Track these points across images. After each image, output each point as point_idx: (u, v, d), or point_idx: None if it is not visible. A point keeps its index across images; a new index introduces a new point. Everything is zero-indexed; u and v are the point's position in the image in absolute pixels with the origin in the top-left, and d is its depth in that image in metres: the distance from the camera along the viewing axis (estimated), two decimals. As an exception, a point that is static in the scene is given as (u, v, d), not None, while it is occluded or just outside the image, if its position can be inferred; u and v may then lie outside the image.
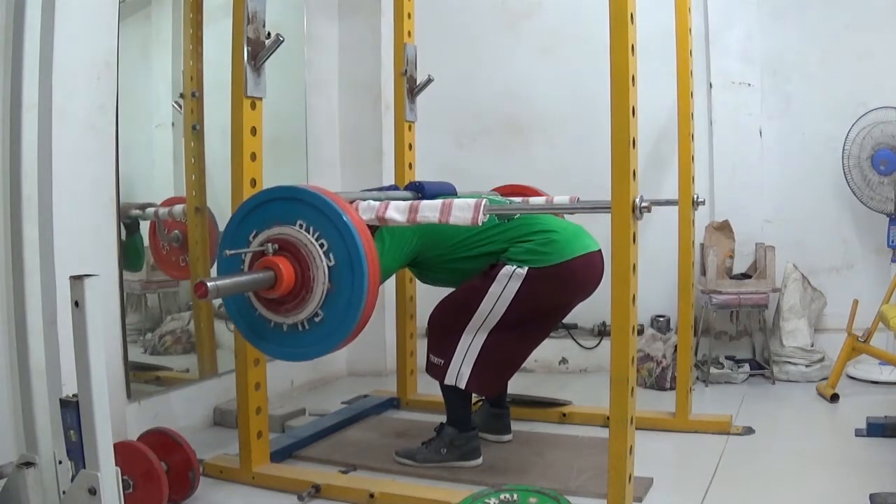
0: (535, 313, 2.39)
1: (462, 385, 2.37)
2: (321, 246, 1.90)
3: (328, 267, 1.90)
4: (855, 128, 3.50)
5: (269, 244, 1.95)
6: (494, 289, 2.33)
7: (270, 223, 1.97)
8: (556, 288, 2.36)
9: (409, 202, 2.11)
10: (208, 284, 1.80)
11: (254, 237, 1.99)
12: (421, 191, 2.54)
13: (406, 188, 2.64)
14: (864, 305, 3.16)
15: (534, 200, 3.11)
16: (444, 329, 2.42)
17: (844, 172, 3.52)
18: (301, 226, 1.93)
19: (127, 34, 2.64)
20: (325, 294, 1.91)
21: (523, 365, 2.60)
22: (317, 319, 1.94)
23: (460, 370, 2.37)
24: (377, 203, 2.12)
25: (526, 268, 2.31)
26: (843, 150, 3.51)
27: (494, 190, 3.09)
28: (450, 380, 2.38)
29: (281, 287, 1.91)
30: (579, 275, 2.37)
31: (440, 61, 3.42)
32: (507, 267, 2.32)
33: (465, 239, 2.38)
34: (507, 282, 2.32)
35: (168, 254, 3.02)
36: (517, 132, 3.97)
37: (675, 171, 2.81)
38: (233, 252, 1.98)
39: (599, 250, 2.43)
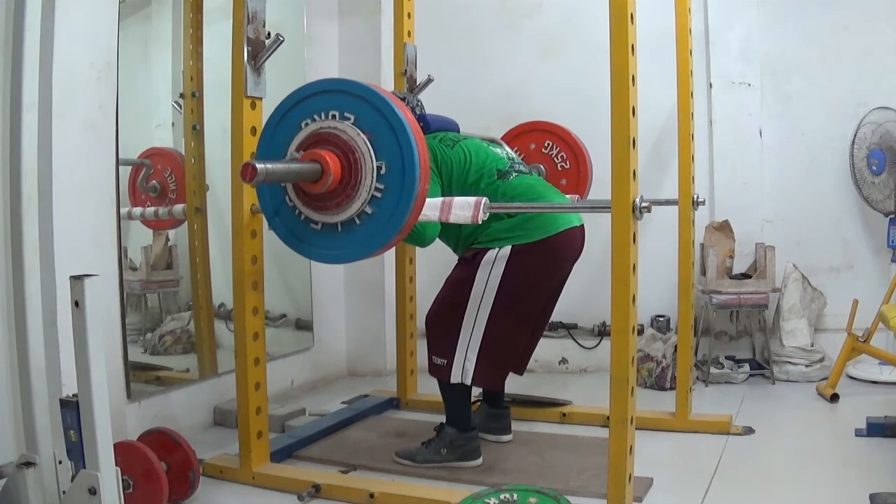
0: (524, 293, 2.39)
1: (468, 381, 2.38)
2: (371, 142, 1.84)
3: (376, 165, 1.84)
4: (861, 127, 3.51)
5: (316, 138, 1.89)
6: (480, 275, 2.33)
7: (304, 122, 1.93)
8: (540, 263, 2.36)
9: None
10: (258, 166, 1.76)
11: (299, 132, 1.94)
12: (423, 121, 2.51)
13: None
14: (864, 305, 3.16)
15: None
16: (442, 329, 2.43)
17: (853, 172, 3.52)
18: (349, 119, 1.88)
19: (127, 34, 2.64)
20: (370, 193, 1.84)
21: (514, 373, 2.61)
22: (359, 221, 1.88)
23: (464, 367, 2.38)
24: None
25: (509, 246, 2.31)
26: (852, 149, 3.51)
27: (514, 129, 3.14)
28: (455, 378, 2.39)
29: (327, 180, 1.86)
30: (561, 249, 2.39)
31: (440, 61, 3.42)
32: (489, 252, 2.33)
33: (469, 187, 2.39)
34: (492, 265, 2.33)
35: (145, 203, 2.99)
36: (517, 132, 3.97)
37: (675, 171, 2.81)
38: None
39: (582, 225, 2.46)
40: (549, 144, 3.11)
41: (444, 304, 2.45)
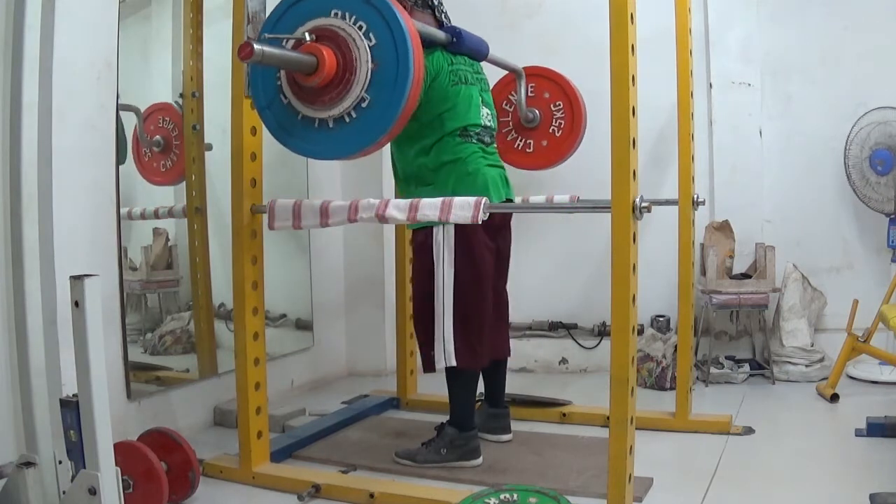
0: (473, 267, 2.43)
1: (452, 362, 2.41)
2: (360, 28, 1.89)
3: (369, 46, 1.89)
4: (855, 128, 3.50)
5: (307, 34, 1.93)
6: (437, 259, 2.39)
7: (304, 19, 1.96)
8: (480, 235, 2.42)
9: (408, 201, 2.11)
10: (255, 46, 1.78)
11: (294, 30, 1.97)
12: (457, 37, 2.52)
13: (444, 30, 2.56)
14: (864, 305, 3.16)
15: (535, 199, 3.12)
16: (423, 322, 2.48)
17: (847, 173, 3.52)
18: (336, 14, 1.92)
19: (127, 34, 2.64)
20: (370, 73, 1.89)
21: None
22: (364, 105, 1.91)
23: (445, 349, 2.41)
24: (376, 202, 2.13)
25: (452, 224, 2.35)
26: (846, 150, 3.51)
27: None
28: (440, 362, 2.42)
29: (323, 70, 1.89)
30: (495, 220, 2.47)
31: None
32: (435, 230, 2.39)
33: (422, 133, 2.45)
34: (443, 246, 2.38)
35: (150, 160, 2.98)
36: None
37: (675, 171, 2.81)
38: (272, 36, 1.95)
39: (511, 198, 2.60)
40: (548, 95, 3.24)
41: (420, 298, 2.50)
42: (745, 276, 3.60)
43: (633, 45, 1.73)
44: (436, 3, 2.57)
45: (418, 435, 2.66)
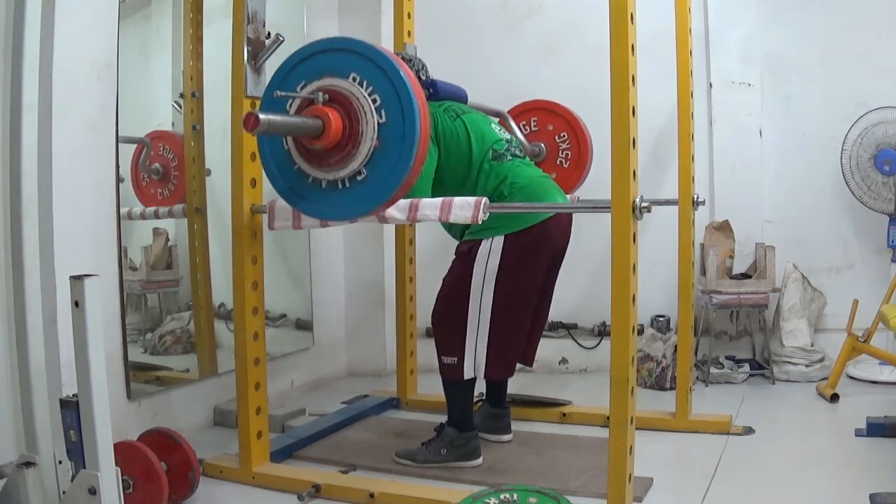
0: (521, 280, 2.41)
1: (481, 375, 2.41)
2: (374, 101, 1.88)
3: (378, 124, 1.88)
4: (855, 128, 3.50)
5: (320, 93, 1.92)
6: (478, 269, 2.36)
7: (321, 74, 1.95)
8: (533, 250, 2.39)
9: (408, 200, 2.11)
10: (261, 117, 1.77)
11: (302, 88, 1.96)
12: (433, 88, 2.54)
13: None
14: (864, 305, 3.16)
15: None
16: (449, 327, 2.44)
17: (843, 173, 3.52)
18: (354, 79, 1.90)
19: (127, 34, 2.64)
20: (371, 151, 1.88)
21: (523, 365, 2.61)
22: (359, 178, 1.92)
23: (476, 361, 2.40)
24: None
25: (501, 237, 2.33)
26: (843, 150, 3.51)
27: (522, 104, 3.21)
28: (468, 374, 2.41)
29: (328, 137, 1.89)
30: (551, 234, 2.42)
31: (440, 61, 3.41)
32: (483, 244, 2.36)
33: (458, 174, 2.43)
34: (488, 257, 2.35)
35: (148, 186, 2.99)
36: (517, 132, 3.97)
37: (675, 171, 2.81)
38: (282, 94, 1.94)
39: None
40: (551, 127, 3.18)
41: (448, 302, 2.46)
42: (745, 276, 3.60)
43: (633, 45, 1.73)
44: (418, 67, 2.61)
45: (418, 435, 2.66)
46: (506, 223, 2.35)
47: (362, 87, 1.89)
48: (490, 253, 2.35)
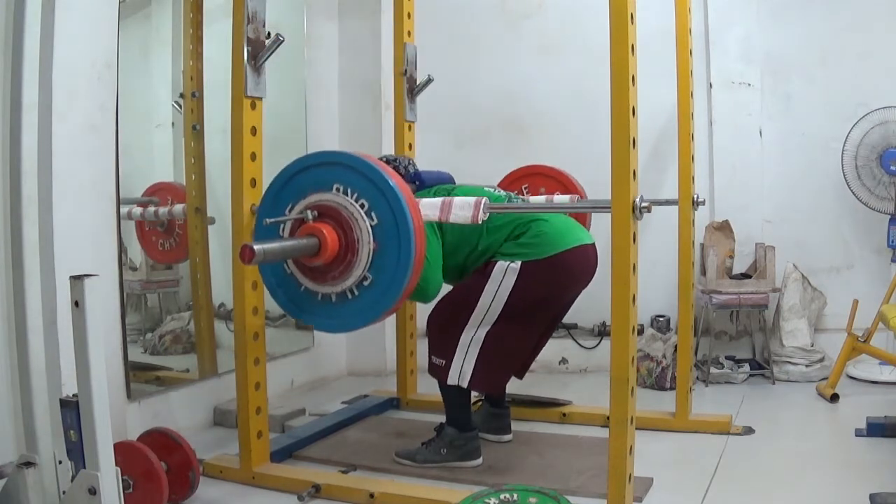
0: (532, 307, 2.39)
1: (465, 384, 2.38)
2: (361, 206, 1.90)
3: (371, 226, 1.89)
4: (857, 128, 3.50)
5: (308, 211, 1.94)
6: (490, 286, 2.33)
7: (306, 192, 1.96)
8: (550, 280, 2.36)
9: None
10: (255, 248, 1.78)
11: (290, 210, 1.98)
12: (419, 180, 2.54)
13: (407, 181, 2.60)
14: (864, 305, 3.16)
15: (535, 199, 3.12)
16: (444, 329, 2.43)
17: (844, 173, 3.52)
18: (338, 189, 1.92)
19: (127, 34, 2.64)
20: (371, 254, 1.90)
21: (514, 377, 2.60)
22: (366, 283, 1.93)
23: (462, 369, 2.38)
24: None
25: (519, 262, 2.32)
26: (843, 150, 3.50)
27: (513, 173, 3.15)
28: (452, 379, 2.39)
29: (326, 251, 1.90)
30: (572, 266, 2.38)
31: (440, 61, 3.42)
32: (500, 263, 2.33)
33: (470, 239, 2.39)
34: (503, 278, 2.32)
35: (150, 231, 3.01)
36: (517, 132, 3.97)
37: (675, 171, 2.81)
38: (272, 221, 1.96)
39: (593, 244, 2.45)
40: (544, 190, 3.11)
41: (449, 305, 2.45)
42: (745, 276, 3.60)
43: (633, 45, 1.73)
44: (402, 166, 2.60)
45: (418, 435, 2.66)
46: (522, 251, 2.33)
47: (347, 195, 1.92)
48: (506, 273, 2.32)
